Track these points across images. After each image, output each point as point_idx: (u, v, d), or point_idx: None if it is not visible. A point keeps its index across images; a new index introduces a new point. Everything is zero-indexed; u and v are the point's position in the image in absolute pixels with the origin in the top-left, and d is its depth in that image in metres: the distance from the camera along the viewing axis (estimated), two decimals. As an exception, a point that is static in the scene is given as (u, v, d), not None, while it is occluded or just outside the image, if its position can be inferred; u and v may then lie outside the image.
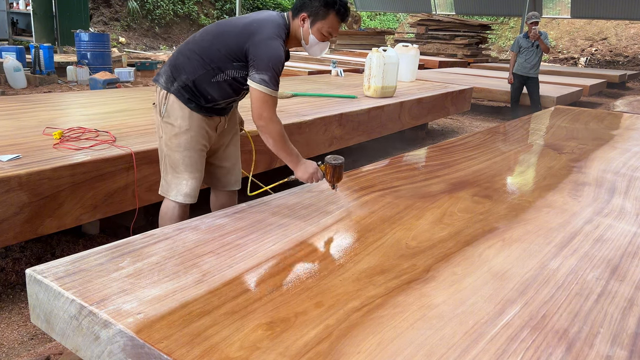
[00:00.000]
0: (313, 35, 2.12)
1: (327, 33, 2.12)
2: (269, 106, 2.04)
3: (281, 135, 2.11)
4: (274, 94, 2.04)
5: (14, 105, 3.73)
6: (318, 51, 2.19)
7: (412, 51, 6.89)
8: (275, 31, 2.06)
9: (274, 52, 2.01)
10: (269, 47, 2.01)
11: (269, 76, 2.00)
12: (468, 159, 3.03)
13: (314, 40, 2.13)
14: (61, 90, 7.96)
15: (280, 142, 2.11)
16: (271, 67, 2.00)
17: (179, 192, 2.20)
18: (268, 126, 2.08)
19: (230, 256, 1.61)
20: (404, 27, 22.18)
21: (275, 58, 2.01)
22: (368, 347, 1.20)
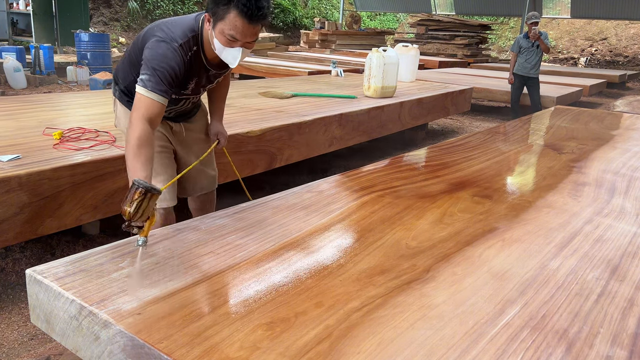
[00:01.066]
0: (217, 39, 1.80)
1: (230, 36, 1.76)
2: (137, 108, 1.76)
3: (132, 145, 1.69)
4: (149, 94, 1.76)
5: (14, 106, 3.74)
6: (229, 57, 1.83)
7: (412, 51, 6.89)
8: (170, 34, 1.85)
9: (157, 53, 1.80)
10: (155, 49, 1.82)
11: (147, 76, 1.78)
12: (468, 159, 3.03)
13: (219, 46, 1.81)
14: (61, 90, 7.96)
15: (129, 151, 1.69)
16: (151, 67, 1.79)
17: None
18: (128, 129, 1.75)
19: (230, 256, 1.61)
20: (404, 27, 22.19)
21: (157, 59, 1.79)
22: (368, 347, 1.20)
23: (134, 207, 1.48)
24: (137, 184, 1.51)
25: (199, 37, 1.90)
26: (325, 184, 2.39)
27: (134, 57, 2.00)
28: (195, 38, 1.88)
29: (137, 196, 1.49)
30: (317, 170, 4.72)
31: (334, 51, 13.80)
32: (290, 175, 4.40)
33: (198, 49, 1.91)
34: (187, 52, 1.86)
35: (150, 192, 1.50)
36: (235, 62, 1.84)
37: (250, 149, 3.34)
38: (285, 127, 3.61)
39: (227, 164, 3.19)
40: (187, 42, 1.86)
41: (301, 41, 15.66)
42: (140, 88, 1.77)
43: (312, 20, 19.44)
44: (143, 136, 1.70)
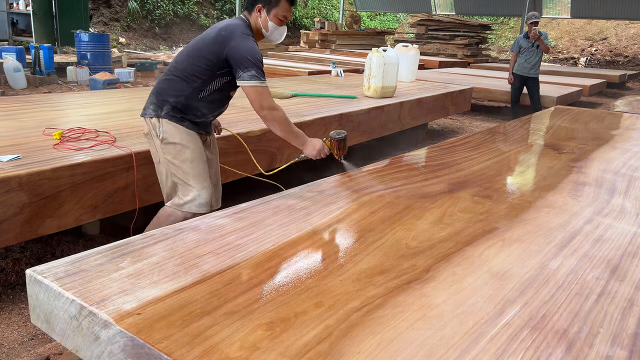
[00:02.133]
0: (271, 22, 2.31)
1: (283, 17, 2.31)
2: (265, 96, 2.20)
3: (285, 120, 2.27)
4: (265, 84, 2.21)
5: (14, 106, 3.74)
6: (278, 36, 2.37)
7: (412, 51, 6.89)
8: (243, 31, 2.24)
9: (250, 49, 2.19)
10: (245, 46, 2.19)
11: (256, 70, 2.17)
12: (468, 159, 3.03)
13: (273, 27, 2.32)
14: (61, 90, 7.96)
15: (286, 125, 2.27)
16: (253, 62, 2.17)
17: (193, 203, 2.32)
18: (271, 114, 2.23)
19: (230, 256, 1.61)
20: (404, 27, 22.19)
21: (253, 53, 2.19)
22: (368, 347, 1.20)
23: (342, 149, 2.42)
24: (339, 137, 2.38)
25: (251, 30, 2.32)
26: (325, 184, 2.39)
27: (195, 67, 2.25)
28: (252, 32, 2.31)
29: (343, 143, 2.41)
30: (317, 170, 4.71)
31: (334, 51, 13.80)
32: (290, 175, 4.40)
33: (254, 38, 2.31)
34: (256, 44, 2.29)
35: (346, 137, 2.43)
36: (282, 38, 2.39)
37: (251, 149, 3.34)
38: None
39: (227, 163, 3.19)
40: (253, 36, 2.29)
41: (301, 41, 15.66)
42: (254, 82, 2.18)
43: (312, 20, 19.44)
44: (284, 113, 2.28)
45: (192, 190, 2.32)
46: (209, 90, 2.29)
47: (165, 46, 15.81)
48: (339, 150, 2.40)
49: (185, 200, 2.32)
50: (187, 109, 2.29)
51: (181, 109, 2.28)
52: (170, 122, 2.28)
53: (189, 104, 2.28)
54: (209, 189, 2.36)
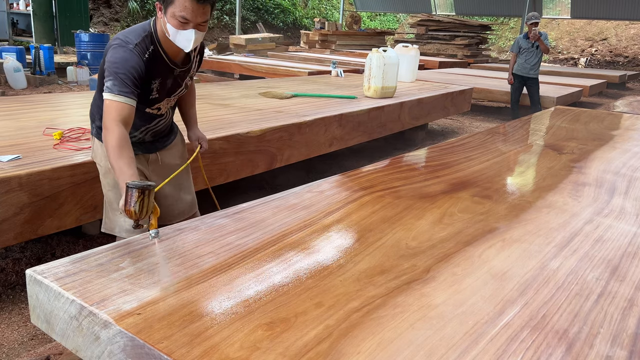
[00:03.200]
0: (169, 23, 1.84)
1: (181, 17, 1.80)
2: (108, 113, 1.82)
3: (113, 147, 1.78)
4: (117, 99, 1.82)
5: (14, 106, 3.74)
6: (184, 41, 1.86)
7: (412, 51, 6.89)
8: (125, 39, 1.90)
9: (116, 58, 1.86)
10: (112, 56, 1.87)
11: (111, 82, 1.83)
12: (468, 159, 3.03)
13: (172, 30, 1.84)
14: (61, 90, 7.96)
15: (111, 153, 1.78)
16: (113, 73, 1.84)
17: (121, 228, 2.13)
18: (104, 134, 1.82)
19: (230, 256, 1.61)
20: (404, 27, 22.19)
21: (116, 63, 1.85)
22: (368, 347, 1.20)
23: (137, 207, 1.59)
24: (131, 186, 1.59)
25: (154, 35, 1.93)
26: (325, 184, 2.39)
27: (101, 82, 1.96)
28: (149, 37, 1.92)
29: (136, 197, 1.58)
30: (317, 170, 4.72)
31: (334, 51, 13.81)
32: (290, 175, 4.40)
33: (155, 47, 1.93)
34: (144, 51, 1.90)
35: (147, 190, 1.60)
36: (189, 45, 1.87)
37: (251, 149, 3.34)
38: (285, 127, 3.62)
39: (227, 163, 3.20)
40: (142, 41, 1.90)
41: (301, 41, 15.67)
42: (107, 94, 1.83)
43: (312, 21, 19.45)
44: (121, 137, 1.79)
45: (117, 215, 2.11)
46: None
47: (165, 46, 15.81)
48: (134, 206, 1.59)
49: (114, 225, 2.14)
50: None
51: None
52: (98, 140, 2.07)
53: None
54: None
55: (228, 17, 18.06)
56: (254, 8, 19.07)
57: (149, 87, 1.99)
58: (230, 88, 5.49)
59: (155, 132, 2.18)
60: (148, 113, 2.08)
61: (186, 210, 2.33)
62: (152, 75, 1.96)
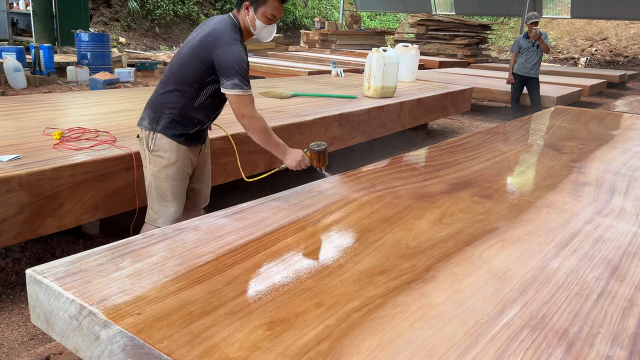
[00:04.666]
0: (259, 20, 2.22)
1: (271, 15, 2.21)
2: (246, 105, 2.17)
3: (264, 129, 2.23)
4: (248, 92, 2.16)
5: (14, 106, 3.74)
6: (267, 34, 2.28)
7: (412, 51, 6.89)
8: (229, 35, 2.17)
9: (235, 56, 2.13)
10: (230, 53, 2.13)
11: (239, 79, 2.12)
12: (468, 159, 3.03)
13: (260, 25, 2.23)
14: (61, 90, 7.96)
15: (265, 135, 2.24)
16: (237, 71, 2.12)
17: (166, 219, 2.31)
18: (251, 123, 2.20)
19: (230, 256, 1.61)
20: (404, 27, 22.18)
21: (238, 61, 2.13)
22: (368, 347, 1.20)
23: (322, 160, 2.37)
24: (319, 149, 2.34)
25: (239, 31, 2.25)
26: (325, 184, 2.39)
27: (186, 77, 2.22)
28: (239, 32, 2.24)
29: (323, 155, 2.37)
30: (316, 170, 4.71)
31: (334, 51, 13.80)
32: (290, 175, 4.40)
33: (242, 40, 2.25)
34: (244, 46, 2.25)
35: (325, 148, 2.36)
36: (271, 37, 2.31)
37: (251, 149, 3.34)
38: (285, 127, 3.61)
39: (227, 163, 3.20)
40: (240, 37, 2.24)
41: (301, 41, 15.67)
42: (237, 90, 2.13)
43: (312, 20, 19.44)
44: (265, 121, 2.25)
45: (168, 207, 2.32)
46: (202, 98, 2.26)
47: (165, 46, 15.81)
48: (319, 162, 2.37)
49: (159, 216, 2.34)
50: (184, 119, 2.26)
51: (178, 120, 2.26)
52: (166, 136, 2.26)
53: (185, 113, 2.25)
54: (182, 206, 2.38)
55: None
56: (254, 8, 19.05)
57: None
58: (230, 88, 5.47)
59: (214, 119, 2.44)
60: (223, 99, 2.33)
61: (206, 200, 2.59)
62: None
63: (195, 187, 2.51)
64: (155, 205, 2.34)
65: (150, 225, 2.34)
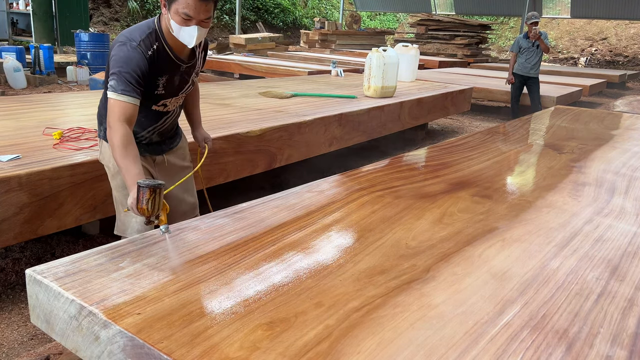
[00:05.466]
0: (172, 19, 1.85)
1: (185, 15, 1.81)
2: (112, 112, 1.85)
3: (118, 146, 1.81)
4: (119, 97, 1.84)
5: (14, 106, 3.74)
6: (187, 37, 1.87)
7: (412, 51, 6.89)
8: (128, 35, 1.91)
9: (120, 56, 1.87)
10: (117, 52, 1.88)
11: (114, 81, 1.85)
12: (468, 159, 3.03)
13: (176, 26, 1.86)
14: (61, 90, 7.96)
15: (116, 152, 1.82)
16: (116, 71, 1.86)
17: (132, 229, 2.14)
18: (109, 133, 1.86)
19: (230, 256, 1.61)
20: (404, 27, 22.19)
21: (120, 61, 1.86)
22: (368, 347, 1.20)
23: (150, 205, 1.66)
24: (143, 185, 1.66)
25: (158, 32, 1.94)
26: (325, 184, 2.39)
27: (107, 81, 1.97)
28: (154, 34, 1.93)
29: (148, 196, 1.66)
30: (317, 170, 4.71)
31: (334, 51, 13.80)
32: (290, 175, 4.40)
33: (160, 43, 1.94)
34: (148, 47, 1.91)
35: (158, 188, 1.68)
36: (192, 41, 1.89)
37: (251, 149, 3.34)
38: (285, 127, 3.61)
39: (227, 163, 3.20)
40: (147, 38, 1.91)
41: (301, 41, 15.67)
42: (110, 93, 1.85)
43: (312, 20, 19.44)
44: (125, 136, 1.83)
45: (129, 217, 2.13)
46: None
47: (165, 46, 15.80)
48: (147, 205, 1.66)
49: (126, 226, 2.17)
50: None
51: None
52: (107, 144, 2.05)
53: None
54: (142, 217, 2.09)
55: (228, 17, 18.05)
56: (254, 8, 19.07)
57: (155, 84, 1.99)
58: (230, 88, 5.49)
59: (162, 131, 2.18)
60: (155, 111, 2.08)
61: (188, 212, 2.33)
62: (158, 71, 1.97)
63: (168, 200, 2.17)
64: (121, 215, 2.18)
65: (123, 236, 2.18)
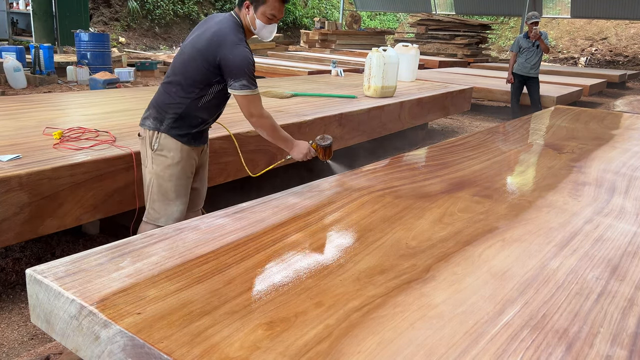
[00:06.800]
0: (259, 19, 2.23)
1: (271, 15, 2.23)
2: (254, 104, 2.22)
3: (272, 126, 2.31)
4: (255, 92, 2.20)
5: (14, 106, 3.74)
6: (267, 34, 2.29)
7: (412, 51, 6.89)
8: (235, 36, 2.18)
9: (242, 57, 2.16)
10: (237, 55, 2.15)
11: (246, 79, 2.16)
12: (468, 158, 3.03)
13: (260, 25, 2.24)
14: (61, 90, 7.95)
15: (273, 132, 2.32)
16: (245, 72, 2.16)
17: (169, 218, 2.33)
18: (260, 121, 2.28)
19: (230, 256, 1.61)
20: (404, 27, 22.18)
21: (245, 62, 2.16)
22: (368, 347, 1.20)
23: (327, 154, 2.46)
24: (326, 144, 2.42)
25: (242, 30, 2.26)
26: (325, 184, 2.39)
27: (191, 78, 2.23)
28: (242, 31, 2.26)
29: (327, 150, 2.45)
30: (317, 170, 4.71)
31: (334, 51, 13.80)
32: (290, 175, 4.40)
33: (246, 39, 2.26)
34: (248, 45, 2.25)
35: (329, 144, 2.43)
36: (271, 36, 2.33)
37: (251, 149, 3.34)
38: (285, 127, 3.61)
39: (227, 163, 3.20)
40: (243, 37, 2.24)
41: (301, 41, 15.66)
42: (245, 91, 2.17)
43: (312, 20, 19.44)
44: (272, 118, 2.32)
45: (170, 206, 2.34)
46: (207, 98, 2.27)
47: (165, 46, 15.81)
48: (325, 156, 2.47)
49: (161, 215, 2.35)
50: (188, 118, 2.28)
51: (182, 120, 2.27)
52: (170, 136, 2.28)
53: (189, 113, 2.27)
54: (185, 205, 2.41)
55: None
56: (253, 7, 19.05)
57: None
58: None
59: (216, 119, 2.46)
60: (226, 96, 2.36)
61: (203, 199, 2.61)
62: None
63: (195, 187, 2.52)
64: (157, 204, 2.34)
65: (150, 224, 2.34)
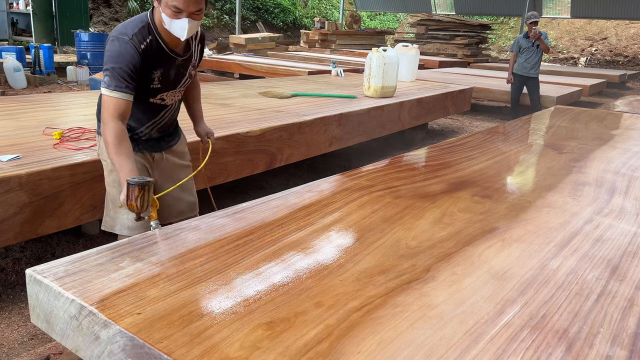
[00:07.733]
0: (164, 13, 1.88)
1: (174, 8, 1.85)
2: (105, 108, 1.89)
3: (112, 142, 1.86)
4: (112, 93, 1.87)
5: (14, 106, 3.74)
6: (178, 30, 1.90)
7: (412, 51, 6.90)
8: (121, 30, 1.92)
9: (112, 52, 1.89)
10: (108, 49, 1.91)
11: (107, 77, 1.88)
12: (468, 159, 3.03)
13: (167, 19, 1.89)
14: (61, 90, 7.96)
15: (110, 148, 1.87)
16: (109, 67, 1.88)
17: (122, 226, 2.14)
18: (103, 129, 1.90)
19: (231, 256, 1.61)
20: (404, 27, 22.18)
21: (112, 57, 1.88)
22: (368, 347, 1.20)
23: (139, 202, 1.74)
24: (132, 182, 1.72)
25: (152, 25, 1.95)
26: (325, 184, 2.39)
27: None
28: (147, 27, 1.95)
29: (137, 193, 1.72)
30: (317, 170, 4.72)
31: (334, 51, 13.80)
32: (290, 175, 4.40)
33: (154, 36, 1.95)
34: (140, 41, 1.92)
35: (147, 185, 1.74)
36: (183, 33, 1.90)
37: (251, 149, 3.34)
38: (285, 127, 3.62)
39: (227, 163, 3.20)
40: (139, 32, 1.92)
41: (301, 41, 15.67)
42: (103, 89, 1.88)
43: (312, 20, 19.45)
44: (119, 132, 1.87)
45: (120, 212, 2.13)
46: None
47: (165, 46, 15.80)
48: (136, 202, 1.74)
49: (116, 222, 2.16)
50: None
51: None
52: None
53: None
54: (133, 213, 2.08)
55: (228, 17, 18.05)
56: (254, 7, 19.07)
57: (150, 77, 1.99)
58: (230, 88, 5.49)
59: (161, 127, 2.18)
60: (153, 104, 2.08)
61: (186, 211, 2.32)
62: (152, 65, 1.97)
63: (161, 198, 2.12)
64: (111, 211, 2.16)
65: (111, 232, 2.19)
